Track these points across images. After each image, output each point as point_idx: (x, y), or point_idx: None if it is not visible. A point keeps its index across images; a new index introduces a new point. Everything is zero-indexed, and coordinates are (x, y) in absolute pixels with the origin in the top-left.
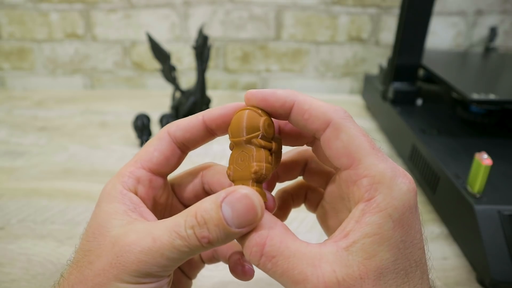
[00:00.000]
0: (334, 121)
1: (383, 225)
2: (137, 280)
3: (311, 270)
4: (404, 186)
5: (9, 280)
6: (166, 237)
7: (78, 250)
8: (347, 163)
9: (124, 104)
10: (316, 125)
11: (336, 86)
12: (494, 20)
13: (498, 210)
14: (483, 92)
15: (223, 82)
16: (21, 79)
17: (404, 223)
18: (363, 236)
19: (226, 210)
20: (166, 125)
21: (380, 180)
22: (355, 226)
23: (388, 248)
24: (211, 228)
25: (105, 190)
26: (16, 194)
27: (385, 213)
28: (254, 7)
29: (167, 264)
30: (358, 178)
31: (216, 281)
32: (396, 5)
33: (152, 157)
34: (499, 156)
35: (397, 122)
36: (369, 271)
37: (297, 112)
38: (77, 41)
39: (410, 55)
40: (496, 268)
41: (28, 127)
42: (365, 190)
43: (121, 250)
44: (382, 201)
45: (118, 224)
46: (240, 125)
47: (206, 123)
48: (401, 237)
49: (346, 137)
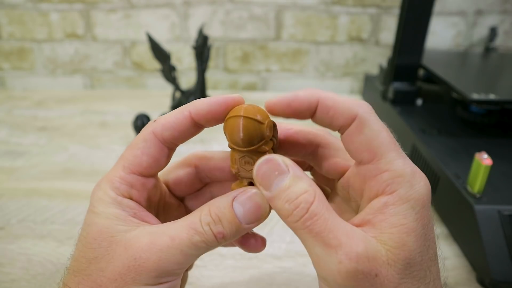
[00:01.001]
0: (360, 115)
1: (407, 216)
2: (155, 280)
3: (346, 240)
4: (422, 182)
5: (9, 280)
6: (184, 234)
7: (78, 257)
8: (368, 157)
9: (124, 104)
10: (342, 121)
11: (336, 86)
12: (494, 20)
13: (498, 210)
14: (483, 92)
15: (223, 82)
16: (21, 79)
17: (424, 217)
18: (390, 226)
19: (237, 208)
20: (148, 124)
21: (401, 174)
22: (380, 217)
23: (414, 239)
24: (225, 224)
25: (96, 195)
26: (16, 194)
27: (409, 205)
28: (254, 7)
29: (185, 261)
30: (379, 172)
31: (216, 281)
32: (396, 5)
33: (141, 161)
34: (499, 156)
35: (397, 122)
36: (398, 260)
37: (321, 110)
38: (77, 41)
39: (410, 55)
40: (496, 268)
41: (28, 127)
42: (386, 184)
43: (138, 252)
44: (404, 194)
45: (123, 229)
46: (244, 136)
47: (194, 119)
48: (422, 229)
49: (370, 132)
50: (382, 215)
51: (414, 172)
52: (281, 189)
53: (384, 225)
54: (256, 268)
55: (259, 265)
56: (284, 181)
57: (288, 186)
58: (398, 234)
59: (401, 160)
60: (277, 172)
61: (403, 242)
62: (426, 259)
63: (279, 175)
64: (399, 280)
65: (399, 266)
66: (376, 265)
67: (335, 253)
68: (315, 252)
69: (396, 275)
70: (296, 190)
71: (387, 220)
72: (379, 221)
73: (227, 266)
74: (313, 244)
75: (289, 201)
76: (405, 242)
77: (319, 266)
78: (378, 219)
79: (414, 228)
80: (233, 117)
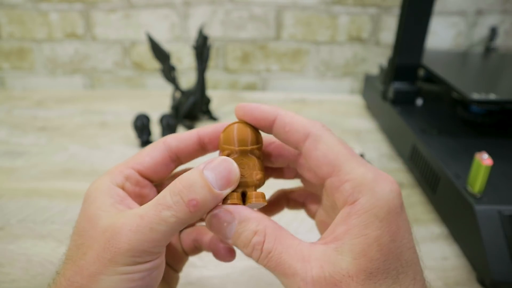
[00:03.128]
0: (313, 133)
1: (369, 226)
2: (132, 260)
3: (301, 265)
4: (387, 187)
5: (9, 280)
6: (152, 211)
7: (70, 246)
8: (328, 171)
9: (124, 104)
10: (296, 137)
11: (336, 86)
12: (494, 20)
13: (498, 210)
14: (483, 92)
15: (223, 82)
16: (21, 79)
17: (391, 223)
18: (351, 237)
19: (209, 174)
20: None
21: (362, 182)
22: (343, 229)
23: (377, 248)
24: (198, 190)
25: (92, 186)
26: (16, 194)
27: (371, 214)
28: (254, 7)
29: (158, 238)
30: (340, 183)
31: (216, 281)
32: (396, 5)
33: (143, 161)
34: (499, 156)
35: (397, 122)
36: (359, 271)
37: (279, 125)
38: (77, 41)
39: (410, 55)
40: (496, 268)
41: (28, 127)
42: (348, 194)
43: (111, 233)
44: (366, 203)
45: (106, 215)
46: (238, 136)
47: (199, 136)
48: (390, 237)
49: (324, 147)
50: (345, 226)
51: (377, 178)
52: (235, 237)
53: (347, 236)
54: (256, 268)
55: (259, 265)
56: (233, 229)
57: (239, 233)
58: (359, 245)
59: (362, 168)
60: (225, 224)
61: (364, 252)
62: (396, 266)
63: (228, 225)
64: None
65: (361, 277)
66: (334, 281)
67: (294, 280)
68: (280, 281)
69: (359, 287)
70: (246, 234)
71: (349, 231)
72: (342, 232)
73: (227, 266)
74: (276, 275)
75: (245, 246)
76: (366, 253)
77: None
78: (341, 230)
79: (377, 237)
80: (229, 125)
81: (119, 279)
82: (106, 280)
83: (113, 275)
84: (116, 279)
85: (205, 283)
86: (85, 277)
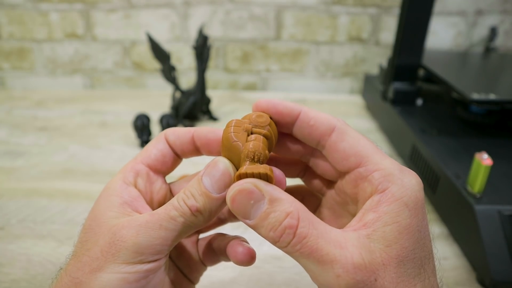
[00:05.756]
0: (338, 126)
1: (400, 213)
2: (135, 257)
3: (339, 252)
4: (413, 179)
5: (9, 280)
6: (162, 210)
7: (76, 243)
8: (356, 161)
9: (124, 104)
10: (322, 130)
11: (336, 86)
12: (494, 20)
13: (498, 210)
14: (483, 92)
15: (223, 82)
16: (21, 79)
17: (418, 213)
18: (382, 225)
19: (206, 180)
20: (166, 126)
21: (391, 172)
22: (373, 216)
23: (407, 236)
24: (197, 197)
25: (106, 186)
26: (16, 194)
27: (401, 202)
28: (254, 7)
29: (166, 236)
30: (369, 173)
31: (216, 281)
32: (396, 5)
33: (150, 154)
34: (499, 156)
35: (397, 122)
36: (391, 258)
37: (303, 119)
38: (77, 41)
39: (410, 55)
40: (496, 268)
41: (28, 127)
42: (378, 183)
43: (119, 227)
44: (396, 191)
45: (113, 215)
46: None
47: (193, 136)
48: (417, 226)
49: (351, 139)
50: (375, 213)
51: (403, 170)
52: (261, 218)
53: (378, 223)
54: (256, 268)
55: (259, 265)
56: (261, 208)
57: (267, 213)
58: (391, 233)
59: (388, 160)
60: (252, 201)
61: (395, 240)
62: (420, 257)
63: (255, 203)
64: (397, 279)
65: (393, 264)
66: (373, 269)
67: (331, 268)
68: (311, 269)
69: (393, 275)
70: (277, 215)
71: (380, 218)
72: (373, 219)
73: (227, 266)
74: (307, 263)
75: (273, 229)
76: (397, 240)
77: (318, 281)
78: (371, 217)
79: (408, 226)
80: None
81: (116, 278)
82: (103, 278)
83: (112, 273)
84: (113, 277)
85: (205, 283)
86: (86, 273)
